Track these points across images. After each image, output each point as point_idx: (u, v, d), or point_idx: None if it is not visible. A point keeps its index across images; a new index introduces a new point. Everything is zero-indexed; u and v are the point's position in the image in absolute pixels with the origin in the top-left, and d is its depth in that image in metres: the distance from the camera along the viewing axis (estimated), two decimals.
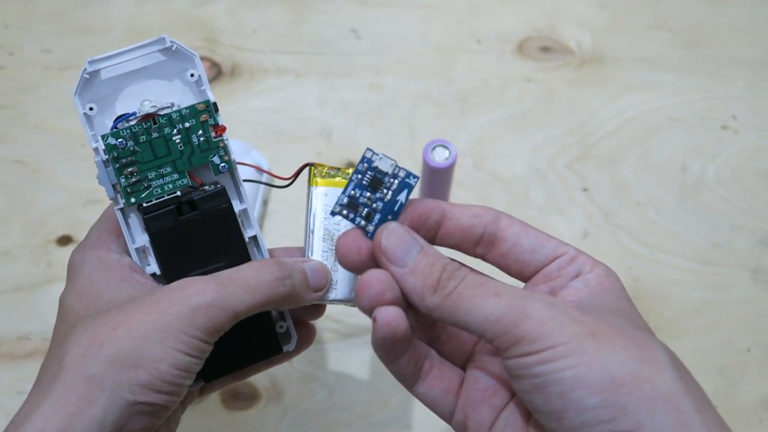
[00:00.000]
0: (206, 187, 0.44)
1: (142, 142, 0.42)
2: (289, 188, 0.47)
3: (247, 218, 0.45)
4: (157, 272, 0.44)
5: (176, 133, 0.42)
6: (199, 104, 0.42)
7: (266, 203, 0.71)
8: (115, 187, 0.42)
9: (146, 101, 0.43)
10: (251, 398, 0.63)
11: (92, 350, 0.38)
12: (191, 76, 0.43)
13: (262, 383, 0.63)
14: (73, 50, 0.79)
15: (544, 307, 0.35)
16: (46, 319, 0.65)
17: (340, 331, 0.66)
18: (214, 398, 0.62)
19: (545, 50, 0.81)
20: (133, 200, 0.43)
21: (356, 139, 0.75)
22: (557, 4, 0.84)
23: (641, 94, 0.79)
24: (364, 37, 0.81)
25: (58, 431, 0.37)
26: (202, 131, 0.43)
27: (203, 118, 0.43)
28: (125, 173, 0.42)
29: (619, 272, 0.40)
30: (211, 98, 0.43)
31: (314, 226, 0.45)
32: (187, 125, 0.43)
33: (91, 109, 0.42)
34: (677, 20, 0.83)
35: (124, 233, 0.43)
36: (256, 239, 0.45)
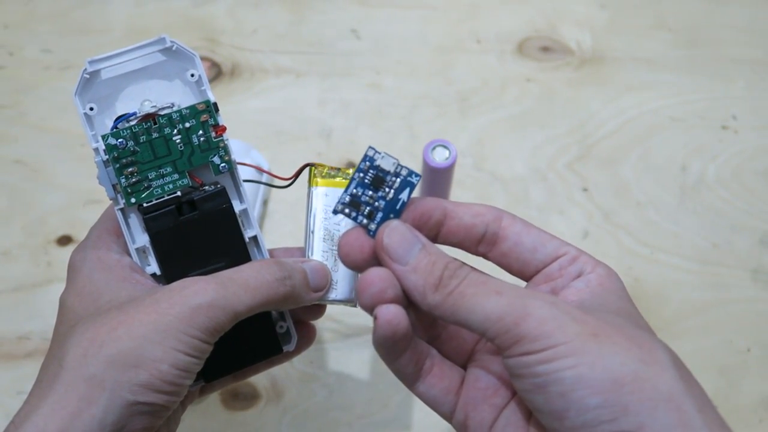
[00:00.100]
0: (206, 187, 0.44)
1: (142, 142, 0.42)
2: (289, 188, 0.47)
3: (247, 218, 0.45)
4: (157, 272, 0.44)
5: (176, 133, 0.42)
6: (199, 104, 0.42)
7: (266, 203, 0.71)
8: (115, 187, 0.42)
9: (146, 101, 0.43)
10: (251, 398, 0.63)
11: (92, 350, 0.38)
12: (191, 76, 0.43)
13: (262, 383, 0.63)
14: (73, 50, 0.79)
15: (545, 306, 0.35)
16: (46, 319, 0.65)
17: (340, 331, 0.66)
18: (214, 398, 0.62)
19: (545, 50, 0.81)
20: (133, 200, 0.43)
21: (356, 139, 0.75)
22: (557, 4, 0.84)
23: (641, 94, 0.79)
24: (364, 37, 0.81)
25: (58, 431, 0.37)
26: (202, 131, 0.43)
27: (203, 118, 0.43)
28: (125, 173, 0.42)
29: (619, 272, 0.40)
30: (211, 98, 0.43)
31: (314, 226, 0.45)
32: (187, 125, 0.43)
33: (91, 109, 0.42)
34: (677, 20, 0.83)
35: (124, 233, 0.43)
36: (256, 239, 0.45)
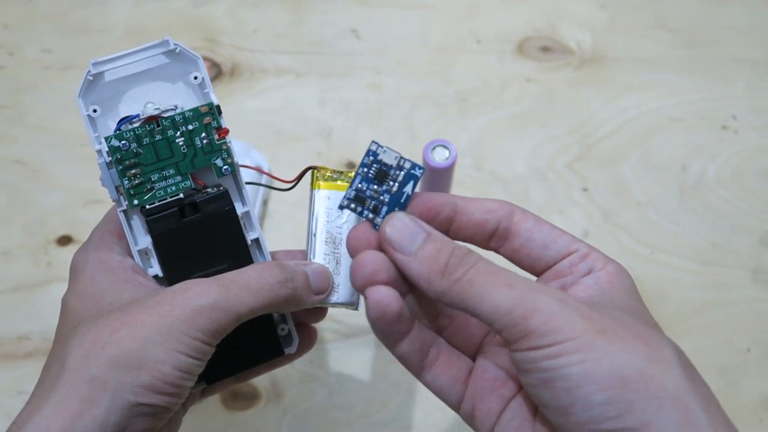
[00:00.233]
0: (209, 189, 0.44)
1: (145, 144, 0.42)
2: (292, 189, 0.47)
3: (249, 220, 0.45)
4: (159, 274, 0.44)
5: (179, 135, 0.42)
6: (202, 107, 0.42)
7: (266, 203, 0.71)
8: (118, 188, 0.42)
9: (150, 103, 0.43)
10: (251, 398, 0.63)
11: (94, 351, 0.38)
12: (195, 78, 0.43)
13: (262, 383, 0.63)
14: (73, 50, 0.79)
15: (554, 302, 0.35)
16: (46, 319, 0.66)
17: (340, 331, 0.66)
18: (214, 398, 0.62)
19: (545, 50, 0.81)
20: (136, 202, 0.43)
21: (356, 139, 0.75)
22: (557, 4, 0.84)
23: (641, 94, 0.79)
24: (364, 37, 0.81)
25: None
26: (205, 134, 0.43)
27: (206, 120, 0.43)
28: (128, 175, 0.42)
29: None
30: (214, 101, 0.43)
31: (316, 229, 0.45)
32: (190, 128, 0.43)
33: (94, 111, 0.42)
34: (677, 20, 0.83)
35: (126, 235, 0.43)
36: (258, 242, 0.45)
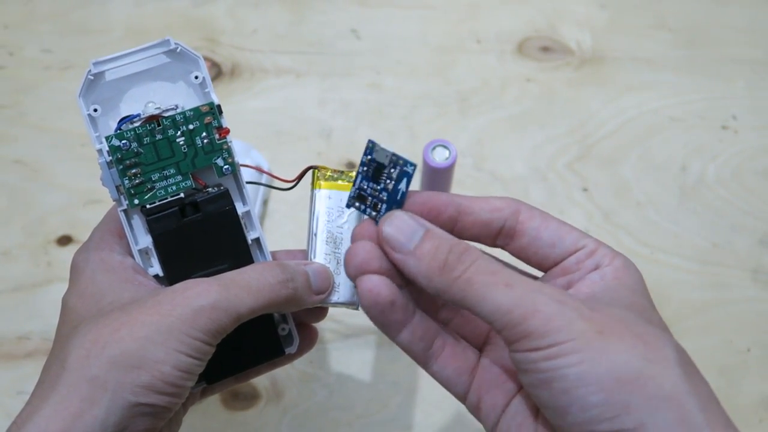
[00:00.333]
0: (209, 189, 0.44)
1: (146, 143, 0.42)
2: (292, 188, 0.47)
3: (250, 220, 0.45)
4: (160, 274, 0.44)
5: (180, 135, 0.42)
6: (203, 106, 0.42)
7: (266, 203, 0.71)
8: (118, 188, 0.42)
9: (150, 103, 0.43)
10: (251, 398, 0.63)
11: (95, 351, 0.38)
12: (195, 78, 0.43)
13: (262, 383, 0.63)
14: (73, 50, 0.79)
15: (553, 303, 0.35)
16: (46, 319, 0.66)
17: (340, 331, 0.66)
18: (214, 398, 0.62)
19: (545, 50, 0.81)
20: (136, 202, 0.42)
21: (356, 139, 0.75)
22: (557, 4, 0.84)
23: (641, 94, 0.79)
24: (364, 37, 0.81)
25: None
26: (205, 133, 0.43)
27: (207, 120, 0.43)
28: (129, 175, 0.42)
29: None
30: (215, 100, 0.43)
31: (317, 228, 0.45)
32: (191, 127, 0.42)
33: (95, 110, 0.42)
34: (677, 20, 0.83)
35: (127, 235, 0.43)
36: (258, 241, 0.45)
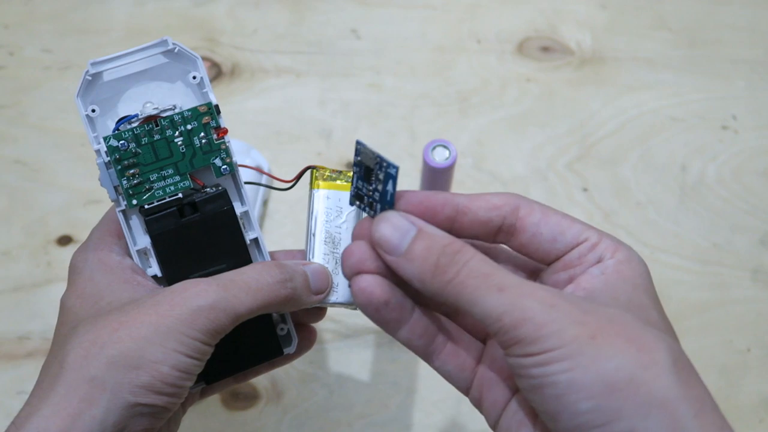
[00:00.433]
0: (208, 189, 0.44)
1: (144, 144, 0.42)
2: (291, 189, 0.47)
3: (248, 220, 0.45)
4: (158, 274, 0.44)
5: (178, 135, 0.42)
6: (201, 106, 0.42)
7: (266, 203, 0.71)
8: (116, 188, 0.42)
9: (148, 103, 0.43)
10: (251, 398, 0.63)
11: (93, 351, 0.38)
12: (193, 78, 0.43)
13: (262, 383, 0.63)
14: (73, 50, 0.79)
15: (544, 308, 0.34)
16: (46, 319, 0.66)
17: (340, 331, 0.66)
18: (214, 398, 0.62)
19: (545, 50, 0.81)
20: (134, 202, 0.42)
21: (356, 139, 0.75)
22: (557, 4, 0.84)
23: (641, 94, 0.79)
24: (364, 37, 0.81)
25: None
26: (204, 133, 0.43)
27: (205, 120, 0.43)
28: (127, 175, 0.42)
29: None
30: (213, 101, 0.43)
31: (316, 228, 0.45)
32: (189, 127, 0.42)
33: (93, 110, 0.42)
34: (677, 20, 0.83)
35: (125, 235, 0.43)
36: (257, 241, 0.45)
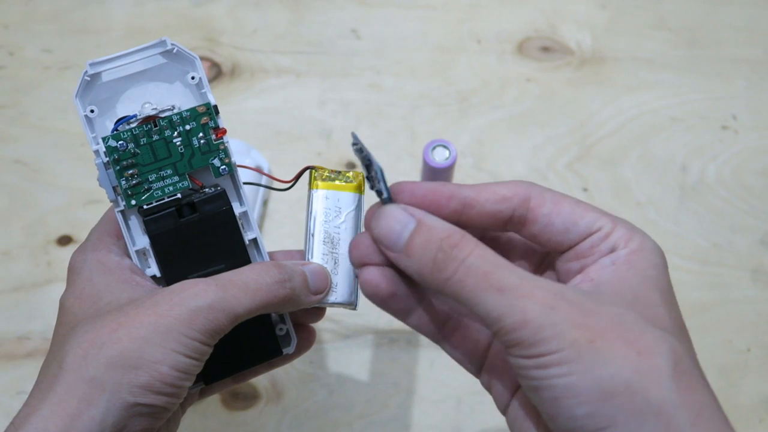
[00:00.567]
0: (206, 189, 0.44)
1: (142, 144, 0.42)
2: (290, 189, 0.47)
3: (247, 221, 0.45)
4: (157, 274, 0.44)
5: (177, 135, 0.42)
6: (199, 107, 0.42)
7: (266, 203, 0.71)
8: (115, 189, 0.42)
9: (147, 104, 0.43)
10: (251, 398, 0.63)
11: (92, 352, 0.38)
12: (192, 78, 0.43)
13: (262, 383, 0.63)
14: (73, 50, 0.79)
15: (544, 311, 0.34)
16: (46, 319, 0.66)
17: (339, 331, 0.66)
18: (214, 398, 0.62)
19: (545, 50, 0.81)
20: (133, 202, 0.43)
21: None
22: (557, 4, 0.84)
23: (641, 94, 0.79)
24: (364, 37, 0.81)
25: None
26: (202, 134, 0.43)
27: (204, 120, 0.43)
28: (126, 175, 0.42)
29: None
30: (211, 101, 0.43)
31: (314, 229, 0.45)
32: (187, 128, 0.42)
33: (92, 111, 0.42)
34: (677, 20, 0.83)
35: (124, 235, 0.43)
36: (256, 242, 0.45)
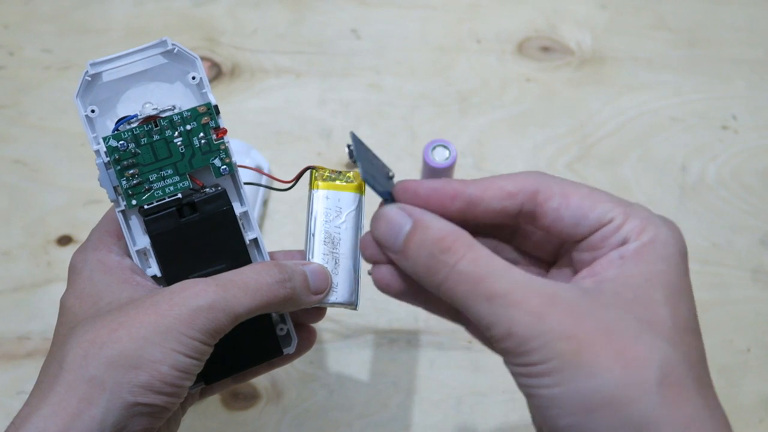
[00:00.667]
0: (207, 189, 0.44)
1: (143, 144, 0.42)
2: (291, 189, 0.47)
3: (247, 220, 0.45)
4: (157, 274, 0.44)
5: (177, 135, 0.42)
6: (200, 107, 0.43)
7: (266, 203, 0.71)
8: (116, 189, 0.42)
9: (148, 104, 0.43)
10: (251, 398, 0.63)
11: (93, 351, 0.38)
12: (192, 78, 0.43)
13: (262, 383, 0.63)
14: (73, 50, 0.79)
15: (532, 321, 0.33)
16: (46, 319, 0.66)
17: (339, 331, 0.66)
18: (214, 398, 0.62)
19: (545, 50, 0.81)
20: (134, 202, 0.43)
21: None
22: (557, 4, 0.84)
23: (641, 94, 0.79)
24: (364, 37, 0.81)
25: None
26: (203, 134, 0.43)
27: (204, 120, 0.43)
28: (126, 175, 0.42)
29: None
30: (212, 101, 0.43)
31: (315, 229, 0.45)
32: (188, 128, 0.43)
33: (92, 111, 0.42)
34: (677, 20, 0.83)
35: (125, 235, 0.43)
36: (256, 242, 0.45)
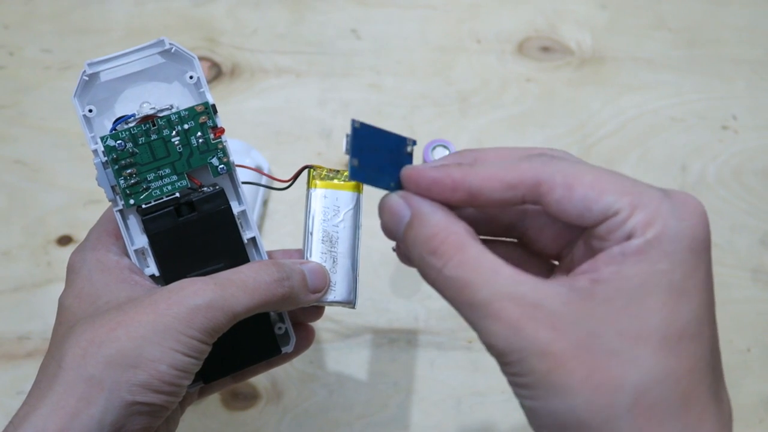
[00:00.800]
0: (205, 188, 0.44)
1: (141, 143, 0.42)
2: (289, 188, 0.47)
3: (246, 220, 0.45)
4: (156, 273, 0.44)
5: (175, 134, 0.43)
6: (197, 106, 0.43)
7: (266, 203, 0.71)
8: (114, 188, 0.43)
9: (145, 103, 0.43)
10: (251, 398, 0.63)
11: (91, 350, 0.38)
12: (190, 78, 0.43)
13: (262, 383, 0.63)
14: (73, 50, 0.79)
15: (509, 334, 0.33)
16: (46, 319, 0.66)
17: (339, 331, 0.66)
18: (214, 398, 0.62)
19: (545, 50, 0.81)
20: (132, 202, 0.43)
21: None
22: (557, 4, 0.84)
23: (641, 94, 0.79)
24: (364, 37, 0.81)
25: (57, 431, 0.37)
26: (200, 133, 0.43)
27: (202, 120, 0.43)
28: (124, 175, 0.42)
29: None
30: (209, 100, 0.43)
31: (313, 228, 0.45)
32: (186, 127, 0.43)
33: (90, 111, 0.42)
34: (677, 20, 0.83)
35: (123, 235, 0.43)
36: (254, 241, 0.45)
